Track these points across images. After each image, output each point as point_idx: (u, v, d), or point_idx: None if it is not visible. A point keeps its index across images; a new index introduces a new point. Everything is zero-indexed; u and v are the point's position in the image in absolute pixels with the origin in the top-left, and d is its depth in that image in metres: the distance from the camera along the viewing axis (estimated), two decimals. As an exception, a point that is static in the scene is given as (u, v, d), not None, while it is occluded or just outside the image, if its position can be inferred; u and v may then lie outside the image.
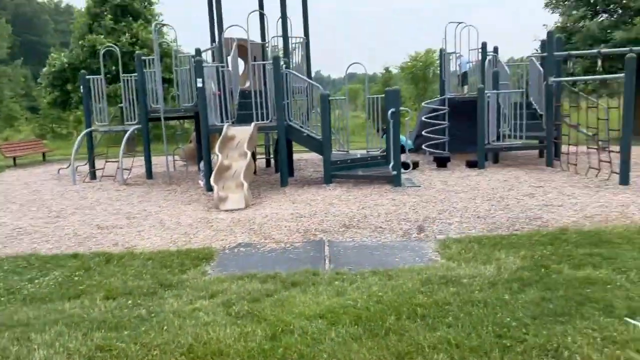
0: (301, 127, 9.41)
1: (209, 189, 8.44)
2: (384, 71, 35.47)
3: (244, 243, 5.61)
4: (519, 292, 3.80)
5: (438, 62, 16.14)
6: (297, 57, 11.06)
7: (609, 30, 15.12)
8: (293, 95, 9.72)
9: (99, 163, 11.56)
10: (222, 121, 9.18)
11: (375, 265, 4.69)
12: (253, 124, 8.81)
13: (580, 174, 9.04)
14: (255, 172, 10.71)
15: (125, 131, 10.69)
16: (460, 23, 11.89)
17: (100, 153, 12.06)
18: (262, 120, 9.20)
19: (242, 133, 8.64)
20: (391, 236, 5.68)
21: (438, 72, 14.03)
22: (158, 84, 10.09)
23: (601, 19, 16.03)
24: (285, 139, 9.20)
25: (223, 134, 8.57)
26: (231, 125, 8.93)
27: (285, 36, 10.34)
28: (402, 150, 9.61)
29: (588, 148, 9.63)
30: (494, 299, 3.67)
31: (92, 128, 11.42)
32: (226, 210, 7.26)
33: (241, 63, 11.18)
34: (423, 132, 12.11)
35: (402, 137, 10.88)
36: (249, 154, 8.25)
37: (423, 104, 13.79)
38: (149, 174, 10.95)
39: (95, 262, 5.06)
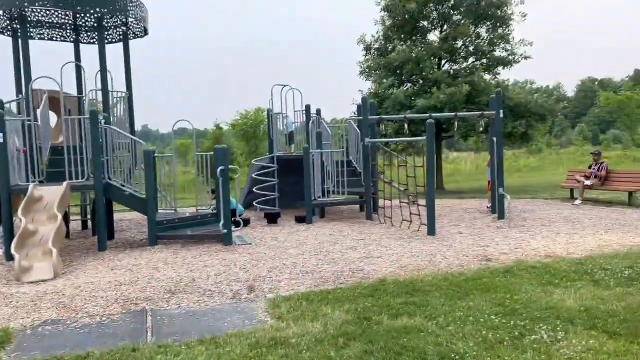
0: (123, 185, 8.81)
1: (10, 258, 7.34)
2: (215, 128, 35.49)
3: (51, 320, 4.91)
4: (344, 347, 3.89)
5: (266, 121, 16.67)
6: (119, 111, 10.50)
7: (413, 98, 17.23)
8: (114, 151, 9.12)
9: None
10: (27, 181, 8.18)
11: (202, 333, 4.44)
12: (65, 183, 8.00)
13: (395, 226, 9.88)
14: (68, 236, 9.67)
15: None
16: (285, 86, 12.52)
17: None
18: (77, 178, 8.42)
19: (52, 193, 7.77)
20: (221, 299, 5.47)
21: (267, 130, 14.46)
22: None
23: (406, 87, 18.23)
24: (105, 199, 8.51)
25: (28, 194, 7.61)
26: (39, 185, 8.00)
27: (105, 90, 9.77)
28: (234, 214, 9.55)
29: (401, 202, 10.60)
30: (321, 357, 3.70)
31: None
32: (30, 283, 6.34)
33: (53, 117, 10.22)
34: (254, 189, 12.23)
35: (234, 201, 10.86)
36: (60, 216, 7.41)
37: (253, 161, 14.00)
38: None
39: None
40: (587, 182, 12.71)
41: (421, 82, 18.06)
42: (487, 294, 5.12)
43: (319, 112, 13.31)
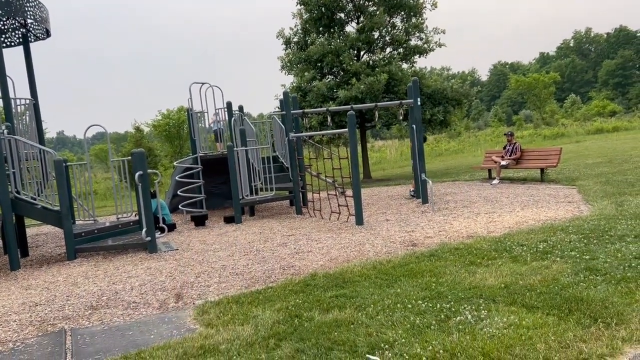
0: (33, 198, 8.24)
1: None
2: (135, 130, 34.12)
3: (-45, 353, 4.49)
4: (275, 348, 3.83)
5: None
6: (25, 119, 9.79)
7: (334, 89, 17.37)
8: (21, 162, 8.50)
9: None
10: None
11: (127, 348, 4.22)
12: (-33, 201, 7.36)
13: (324, 219, 9.92)
14: (-24, 258, 8.94)
15: None
16: (204, 83, 12.20)
17: None
18: (-19, 195, 7.77)
19: (-48, 213, 7.12)
20: (146, 310, 5.24)
21: (188, 130, 14.04)
22: None
23: (328, 79, 18.34)
24: (15, 214, 7.92)
25: None
26: (-64, 205, 7.30)
27: (6, 97, 9.06)
28: (157, 220, 9.21)
29: (329, 194, 10.67)
30: (252, 361, 3.62)
31: None
32: None
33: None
34: (179, 192, 11.87)
35: (164, 205, 10.48)
36: (-37, 237, 6.81)
37: (175, 163, 13.58)
38: None
39: None
40: (503, 162, 13.38)
41: (341, 73, 18.24)
42: (414, 279, 5.24)
43: (240, 108, 13.11)
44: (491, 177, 14.16)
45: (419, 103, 10.63)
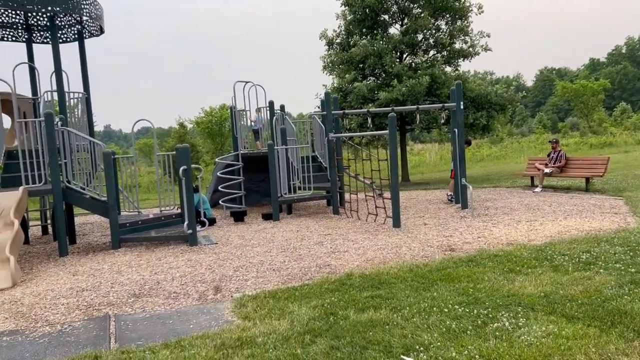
0: (83, 188, 8.59)
1: (-36, 268, 7.06)
2: (179, 126, 34.92)
3: (8, 331, 4.75)
4: (310, 343, 3.89)
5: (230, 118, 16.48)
6: (77, 112, 10.22)
7: (375, 91, 17.35)
8: (72, 153, 8.87)
9: None
10: (-19, 187, 7.88)
11: (167, 336, 4.37)
12: (22, 188, 7.74)
13: (361, 220, 9.94)
14: (27, 242, 9.39)
15: None
16: (247, 82, 12.40)
17: None
18: (35, 183, 8.16)
19: (8, 199, 7.50)
20: (186, 301, 5.40)
21: (231, 127, 14.31)
22: None
23: (369, 81, 18.34)
24: (64, 203, 8.28)
25: (-18, 201, 7.33)
26: (-7, 191, 7.71)
27: (61, 91, 9.49)
28: (199, 214, 9.43)
29: (366, 195, 10.68)
30: (287, 355, 3.69)
31: None
32: (-13, 293, 6.12)
33: (7, 120, 9.88)
34: (219, 188, 12.11)
35: (206, 200, 10.74)
36: (17, 222, 7.17)
37: (217, 159, 13.86)
38: None
39: None
40: (546, 170, 13.07)
41: (383, 75, 18.19)
42: (451, 284, 5.21)
43: (282, 108, 13.27)
44: (533, 185, 13.85)
45: (461, 107, 10.51)
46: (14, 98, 8.67)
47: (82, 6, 9.33)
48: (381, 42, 17.73)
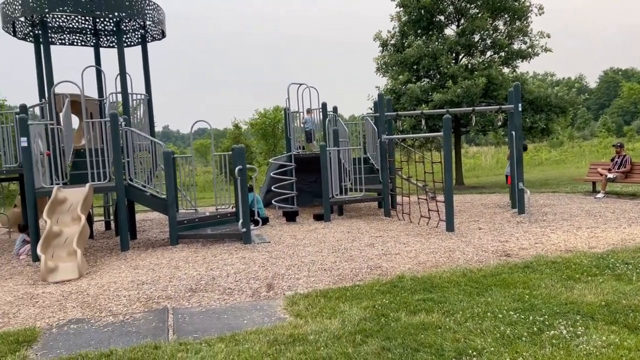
0: (144, 186, 8.96)
1: (36, 259, 7.54)
2: (234, 127, 35.70)
3: (76, 319, 5.04)
4: (362, 343, 3.92)
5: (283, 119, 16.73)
6: (139, 113, 10.67)
7: (429, 93, 17.13)
8: (134, 152, 9.28)
9: None
10: (51, 183, 8.38)
11: (222, 330, 4.51)
12: (88, 184, 8.17)
13: (413, 223, 9.85)
14: (92, 237, 9.89)
15: None
16: (301, 84, 12.56)
17: None
18: (100, 180, 8.60)
19: (76, 195, 7.94)
20: (240, 297, 5.55)
21: (284, 129, 14.50)
22: (-27, 143, 8.95)
23: (423, 82, 18.13)
24: (126, 200, 8.67)
25: (52, 196, 7.79)
26: (62, 187, 8.18)
27: (124, 92, 9.95)
28: (252, 213, 9.63)
29: (419, 198, 10.57)
30: (338, 353, 3.73)
31: None
32: (56, 283, 6.51)
33: (75, 120, 10.45)
34: (272, 188, 12.32)
35: (261, 206, 10.98)
36: (83, 217, 7.58)
37: (270, 160, 14.10)
38: (-39, 245, 9.47)
39: None
40: (610, 175, 12.50)
41: (438, 76, 17.94)
42: (506, 290, 5.10)
43: (335, 109, 13.34)
44: (595, 191, 13.27)
45: (519, 109, 10.23)
46: (82, 99, 9.16)
47: (146, 11, 9.74)
48: (436, 43, 17.49)
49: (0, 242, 10.40)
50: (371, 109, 15.35)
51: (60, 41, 11.25)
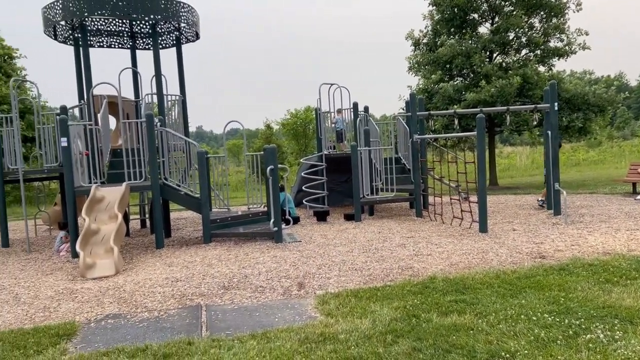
0: (178, 185, 9.14)
1: (75, 255, 7.78)
2: (265, 127, 36.01)
3: (112, 314, 5.19)
4: (392, 343, 3.91)
5: (315, 119, 16.76)
6: (173, 114, 10.89)
7: (462, 92, 16.90)
8: (169, 152, 9.48)
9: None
10: (90, 182, 8.63)
11: (254, 327, 4.57)
12: (125, 184, 8.39)
13: (446, 223, 9.75)
14: (128, 235, 10.13)
15: (-24, 195, 9.60)
16: (333, 84, 12.58)
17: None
18: (136, 179, 8.81)
19: (113, 194, 8.16)
20: (272, 295, 5.60)
21: (315, 129, 14.56)
22: (17, 143, 9.29)
23: (456, 81, 17.90)
24: (161, 199, 8.86)
25: (90, 195, 8.03)
26: (100, 186, 8.42)
27: (160, 93, 10.16)
28: (284, 213, 9.70)
29: (451, 199, 10.45)
30: (369, 353, 3.74)
31: None
32: (94, 279, 6.71)
33: (112, 120, 10.73)
34: (303, 187, 12.39)
35: (292, 206, 11.06)
36: (120, 215, 7.78)
37: (302, 160, 14.17)
38: (5, 241, 9.85)
39: None
40: (651, 176, 12.09)
41: (471, 75, 17.69)
42: (541, 292, 5.00)
43: (366, 109, 13.31)
44: (635, 192, 12.85)
45: (555, 108, 10.00)
46: (119, 100, 9.41)
47: (181, 13, 9.93)
48: (470, 42, 17.25)
49: (42, 239, 10.77)
50: (403, 109, 15.25)
51: (98, 44, 11.57)
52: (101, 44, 11.63)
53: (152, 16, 9.51)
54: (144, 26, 11.21)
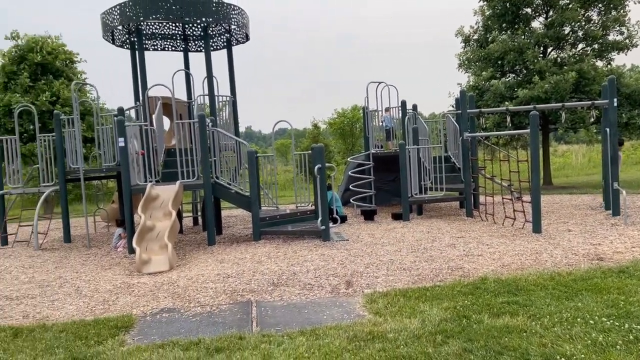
0: (229, 184, 9.35)
1: (131, 251, 8.10)
2: (313, 127, 36.21)
3: (167, 308, 5.38)
4: (442, 344, 3.87)
5: (362, 118, 16.71)
6: (224, 114, 11.14)
7: (515, 89, 16.42)
8: (220, 152, 9.70)
9: (11, 227, 10.82)
10: (145, 180, 8.96)
11: (303, 324, 4.63)
12: (178, 182, 8.66)
13: (497, 224, 9.52)
14: (181, 231, 10.44)
15: (41, 193, 10.15)
16: (380, 83, 12.51)
17: (14, 217, 11.31)
18: (189, 178, 9.08)
19: (167, 192, 8.44)
20: (320, 293, 5.65)
21: (363, 128, 14.53)
22: (78, 144, 9.75)
23: (508, 78, 17.42)
24: (213, 197, 9.09)
25: (146, 193, 8.34)
26: (155, 184, 8.72)
27: (211, 95, 10.42)
28: (331, 211, 9.74)
29: (503, 198, 10.19)
30: (418, 352, 3.71)
31: (4, 191, 10.74)
32: (149, 274, 6.97)
33: (166, 121, 11.09)
34: (350, 186, 12.39)
35: (340, 204, 11.10)
36: (174, 213, 8.04)
37: (349, 159, 14.18)
38: (67, 237, 10.36)
39: (1, 337, 4.64)
40: None
41: (524, 71, 17.17)
42: (598, 295, 4.82)
43: (414, 107, 13.17)
44: None
45: (615, 104, 9.58)
46: (173, 102, 9.71)
47: (231, 15, 10.15)
48: (522, 37, 16.75)
49: (100, 235, 11.27)
50: (452, 107, 14.99)
51: (153, 47, 11.99)
52: (155, 47, 12.04)
53: (203, 19, 9.77)
54: (196, 29, 11.52)
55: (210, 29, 11.04)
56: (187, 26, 11.40)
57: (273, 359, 3.79)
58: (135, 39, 10.42)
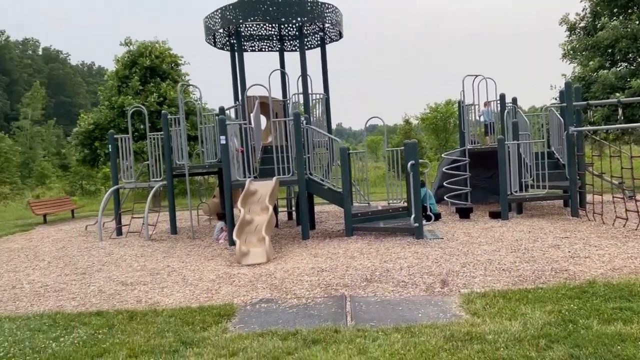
0: (322, 180, 9.52)
1: (232, 243, 8.52)
2: (404, 123, 35.75)
3: (265, 299, 5.60)
4: (546, 348, 3.70)
5: (457, 113, 16.26)
6: (317, 112, 11.34)
7: (627, 79, 15.14)
8: (314, 149, 9.90)
9: (125, 219, 11.78)
10: (244, 176, 9.36)
11: (397, 321, 4.62)
12: (275, 178, 8.96)
13: (607, 224, 8.87)
14: (277, 226, 10.79)
15: (151, 187, 10.94)
16: (477, 76, 12.09)
17: (127, 209, 12.31)
18: (284, 174, 9.36)
19: (264, 187, 8.77)
20: (414, 291, 5.60)
21: (458, 122, 14.11)
22: (183, 142, 10.39)
23: (619, 67, 16.11)
24: (306, 192, 9.30)
25: (245, 188, 8.72)
26: (253, 180, 9.09)
27: (305, 93, 10.65)
28: (424, 209, 9.59)
29: (614, 197, 9.47)
30: (520, 356, 3.58)
31: (119, 185, 11.72)
32: (248, 265, 7.29)
33: (263, 120, 11.49)
34: (444, 183, 12.11)
35: (433, 202, 10.91)
36: (271, 208, 8.34)
37: (443, 155, 13.86)
38: (174, 229, 11.10)
39: (119, 319, 5.09)
40: None
41: (638, 60, 15.78)
42: None
43: (514, 100, 12.59)
44: None
45: None
46: (269, 101, 10.05)
47: (325, 14, 10.29)
48: (637, 23, 15.39)
49: (203, 228, 11.94)
50: (555, 99, 14.15)
51: (251, 48, 12.47)
52: (253, 48, 12.51)
53: (299, 18, 10.00)
54: (292, 29, 11.81)
55: (305, 28, 11.27)
56: (282, 26, 11.72)
57: (369, 354, 3.83)
58: (235, 41, 10.90)
